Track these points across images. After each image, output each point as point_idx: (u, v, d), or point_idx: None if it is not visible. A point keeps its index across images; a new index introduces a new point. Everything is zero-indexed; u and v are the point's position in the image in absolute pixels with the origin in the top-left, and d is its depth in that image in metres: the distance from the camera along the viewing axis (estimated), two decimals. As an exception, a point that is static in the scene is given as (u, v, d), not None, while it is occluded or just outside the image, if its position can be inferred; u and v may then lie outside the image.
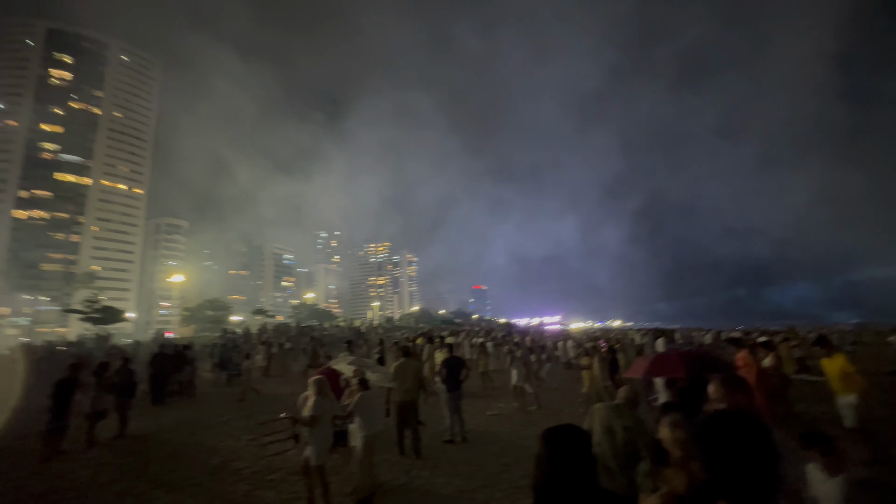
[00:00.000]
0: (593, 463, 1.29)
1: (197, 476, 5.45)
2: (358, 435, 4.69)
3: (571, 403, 9.40)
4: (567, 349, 17.64)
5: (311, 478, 4.29)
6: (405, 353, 6.92)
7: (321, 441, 4.28)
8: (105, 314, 37.29)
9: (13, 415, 10.38)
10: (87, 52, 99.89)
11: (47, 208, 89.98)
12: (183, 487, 5.06)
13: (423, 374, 6.99)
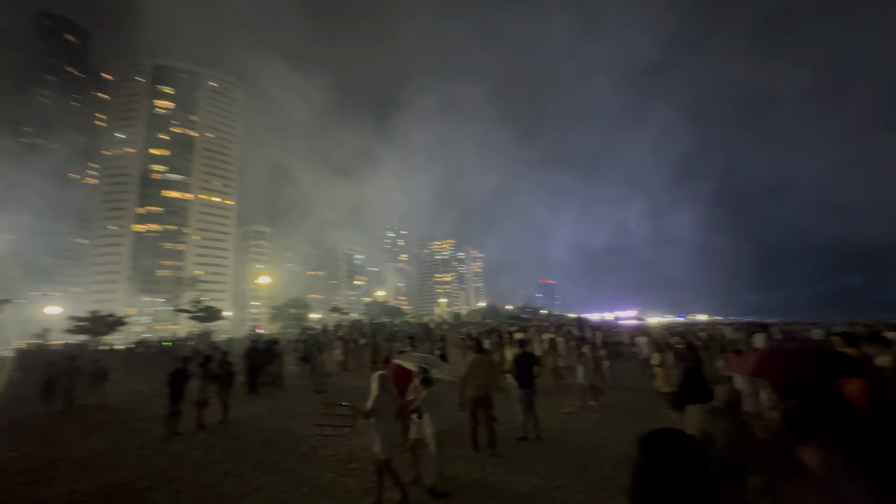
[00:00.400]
0: (705, 473, 1.13)
1: (288, 461, 5.90)
2: (429, 431, 4.75)
3: (652, 403, 8.76)
4: (641, 345, 16.51)
5: (382, 471, 4.39)
6: (477, 348, 6.90)
7: (386, 435, 4.36)
8: (207, 313, 42.15)
9: (139, 399, 12.09)
10: (183, 82, 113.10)
11: (159, 222, 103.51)
12: (276, 471, 5.50)
13: (495, 370, 6.94)
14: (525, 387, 6.65)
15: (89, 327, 32.36)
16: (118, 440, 7.48)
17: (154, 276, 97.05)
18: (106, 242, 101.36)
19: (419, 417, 4.84)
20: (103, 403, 11.79)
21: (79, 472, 5.76)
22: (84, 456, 6.53)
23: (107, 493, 4.90)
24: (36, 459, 6.50)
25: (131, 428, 8.46)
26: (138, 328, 76.96)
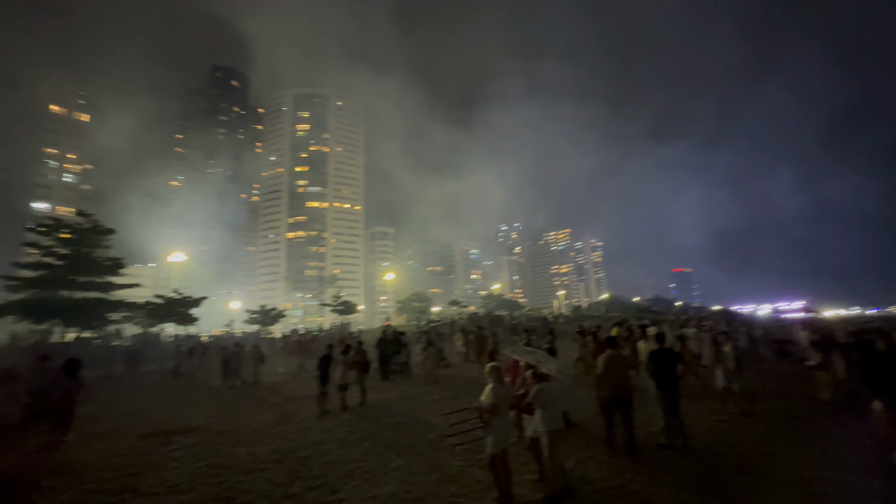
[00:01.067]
0: None
1: (419, 446, 6.23)
2: (540, 429, 4.48)
3: (813, 413, 7.07)
4: (802, 342, 13.31)
5: (495, 467, 4.26)
6: (610, 343, 6.36)
7: (499, 429, 4.21)
8: (345, 307, 47.73)
9: (294, 379, 14.07)
10: (315, 105, 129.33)
11: (304, 229, 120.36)
12: (410, 454, 5.84)
13: (629, 367, 6.31)
14: (665, 387, 5.88)
15: (259, 318, 39.43)
16: (283, 413, 8.86)
17: (303, 276, 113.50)
18: (267, 249, 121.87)
19: (530, 413, 4.61)
20: (262, 381, 14.19)
21: (257, 438, 6.97)
22: (259, 425, 7.89)
23: (277, 458, 5.80)
24: (228, 424, 8.08)
25: (291, 404, 9.97)
26: (294, 319, 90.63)
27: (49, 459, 6.20)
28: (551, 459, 4.39)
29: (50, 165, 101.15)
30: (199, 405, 10.47)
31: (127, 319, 31.81)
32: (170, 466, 5.58)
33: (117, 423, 8.62)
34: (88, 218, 30.02)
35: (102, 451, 6.54)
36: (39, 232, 28.76)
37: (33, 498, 4.67)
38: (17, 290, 27.19)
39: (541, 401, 4.51)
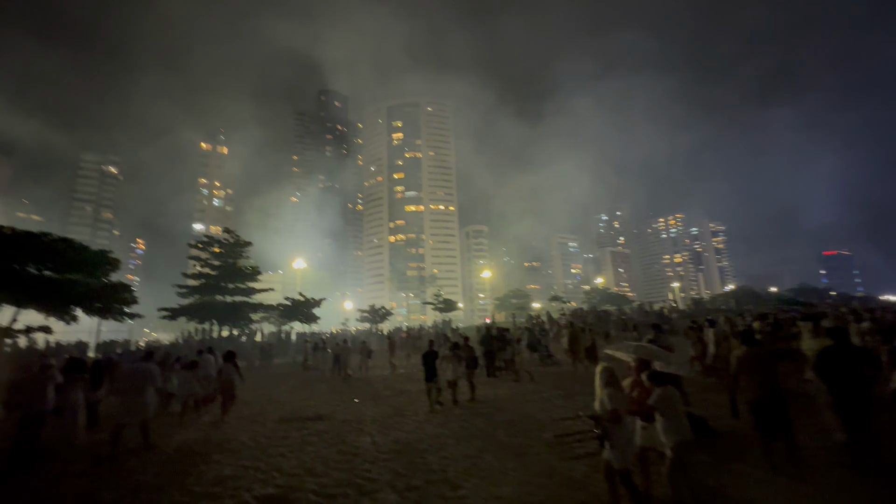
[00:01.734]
0: None
1: (535, 447, 5.92)
2: (664, 440, 3.82)
3: None
4: None
5: (615, 483, 3.73)
6: (746, 339, 5.33)
7: (622, 440, 3.68)
8: (445, 305, 49.09)
9: (401, 374, 14.68)
10: (408, 114, 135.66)
11: (404, 232, 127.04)
12: (526, 455, 5.57)
13: (776, 366, 5.20)
14: (844, 393, 4.70)
15: (369, 317, 42.66)
16: (397, 406, 9.26)
17: (405, 276, 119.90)
18: (372, 253, 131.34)
19: (650, 421, 3.99)
20: (371, 375, 15.07)
21: (376, 428, 7.34)
22: (377, 416, 8.34)
23: (397, 449, 6.01)
24: (350, 413, 8.70)
25: (403, 397, 10.39)
26: (399, 318, 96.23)
27: (214, 435, 7.33)
28: (673, 476, 3.73)
29: (203, 193, 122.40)
30: (324, 395, 11.52)
31: (264, 319, 36.92)
32: (306, 450, 6.13)
33: (261, 409, 9.87)
34: (232, 234, 35.53)
35: (253, 432, 7.49)
36: (198, 248, 34.89)
37: (203, 469, 5.48)
38: (185, 296, 33.32)
39: (664, 406, 3.83)
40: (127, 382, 6.74)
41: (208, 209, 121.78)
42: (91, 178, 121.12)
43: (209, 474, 5.25)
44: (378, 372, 16.41)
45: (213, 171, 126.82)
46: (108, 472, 5.47)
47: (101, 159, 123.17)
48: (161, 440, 7.05)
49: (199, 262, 34.55)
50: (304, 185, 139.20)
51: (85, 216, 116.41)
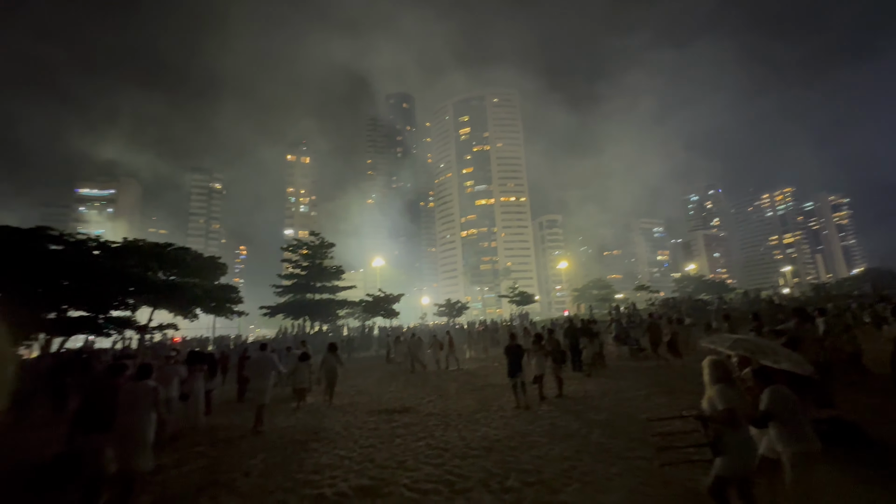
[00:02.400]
0: None
1: (639, 450, 5.31)
2: (781, 449, 3.09)
3: None
4: None
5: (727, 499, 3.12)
6: None
7: (738, 447, 3.07)
8: (522, 298, 48.11)
9: (482, 367, 14.43)
10: (474, 108, 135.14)
11: (475, 227, 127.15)
12: (630, 459, 5.01)
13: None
14: None
15: (446, 311, 43.29)
16: (482, 400, 9.06)
17: (479, 270, 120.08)
18: (445, 248, 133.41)
19: (763, 427, 3.20)
20: (447, 368, 15.01)
21: (463, 423, 7.20)
22: (462, 410, 8.21)
23: (486, 446, 5.79)
24: (435, 407, 8.69)
25: (487, 391, 10.16)
26: (475, 312, 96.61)
27: (310, 424, 7.75)
28: (798, 490, 3.00)
29: (290, 200, 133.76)
30: (408, 388, 11.73)
31: (348, 315, 39.24)
32: (396, 443, 6.18)
33: (351, 399, 10.31)
34: (317, 236, 38.21)
35: (345, 422, 7.79)
36: (289, 251, 38.07)
37: (303, 456, 5.75)
38: (281, 295, 36.57)
39: (777, 409, 3.12)
40: (253, 369, 7.98)
41: (296, 215, 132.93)
42: (201, 195, 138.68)
43: (308, 461, 5.49)
44: (460, 365, 16.45)
45: (299, 179, 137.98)
46: (223, 454, 5.99)
47: (207, 178, 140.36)
48: (266, 426, 7.63)
49: (290, 264, 37.71)
50: (378, 186, 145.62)
51: (198, 228, 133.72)
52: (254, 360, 8.29)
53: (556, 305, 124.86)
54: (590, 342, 12.65)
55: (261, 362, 7.95)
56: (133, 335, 25.66)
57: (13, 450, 7.55)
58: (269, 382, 7.82)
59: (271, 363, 7.94)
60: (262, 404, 7.54)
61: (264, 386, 7.66)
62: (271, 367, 7.86)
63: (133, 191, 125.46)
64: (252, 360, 8.58)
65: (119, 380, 4.50)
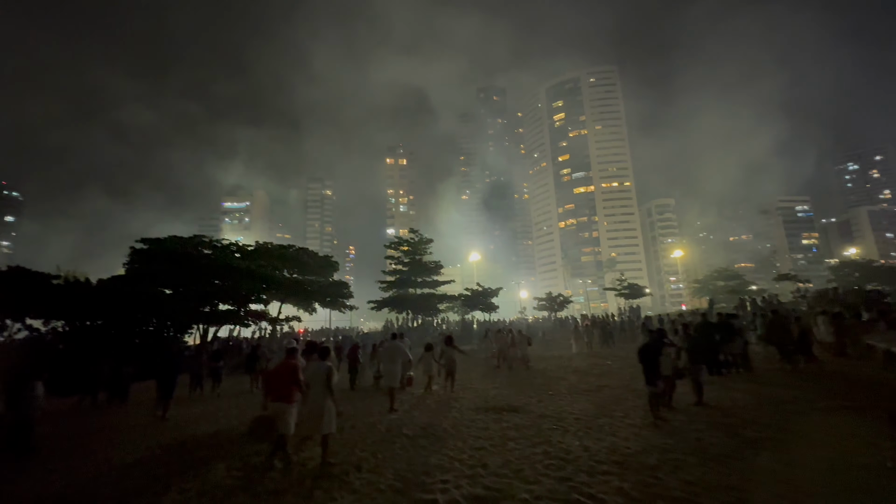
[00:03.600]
0: None
1: (834, 485, 3.98)
2: None
3: None
4: None
5: None
6: None
7: None
8: (631, 290, 43.97)
9: (592, 366, 13.10)
10: (568, 91, 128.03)
11: (574, 216, 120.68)
12: (824, 496, 3.75)
13: None
14: None
15: (547, 305, 41.55)
16: (601, 404, 8.04)
17: (580, 262, 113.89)
18: (543, 241, 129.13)
19: None
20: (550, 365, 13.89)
21: (583, 428, 6.35)
22: (580, 413, 7.32)
23: (617, 460, 4.92)
24: (546, 407, 7.93)
25: (604, 393, 9.05)
26: (577, 306, 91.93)
27: (418, 418, 7.60)
28: None
29: (391, 201, 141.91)
30: (514, 385, 11.10)
31: (448, 309, 39.93)
32: (508, 446, 5.63)
33: (456, 395, 10.05)
34: (416, 233, 39.55)
35: (452, 419, 7.49)
36: (391, 248, 40.05)
37: (411, 454, 5.53)
38: (385, 290, 38.67)
39: None
40: (385, 356, 9.10)
41: (396, 215, 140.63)
42: (315, 202, 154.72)
43: (417, 460, 5.23)
44: (554, 362, 15.31)
45: (397, 181, 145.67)
46: (335, 443, 6.08)
47: (320, 186, 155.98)
48: (375, 418, 7.71)
49: (392, 261, 39.67)
50: (472, 181, 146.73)
51: (314, 231, 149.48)
52: (386, 348, 9.29)
53: (671, 299, 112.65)
54: (730, 341, 10.61)
55: (392, 350, 8.99)
56: (267, 326, 29.29)
57: (215, 414, 8.83)
58: (398, 368, 8.79)
59: (401, 351, 8.95)
60: (392, 387, 8.60)
61: (395, 371, 8.69)
62: (399, 355, 8.86)
63: (262, 202, 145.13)
64: (385, 347, 9.55)
65: (293, 360, 5.42)
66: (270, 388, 5.31)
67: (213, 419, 8.70)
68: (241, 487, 4.54)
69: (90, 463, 5.82)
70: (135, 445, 6.73)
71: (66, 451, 6.77)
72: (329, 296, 30.19)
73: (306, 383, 5.21)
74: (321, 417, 5.03)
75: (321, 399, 5.11)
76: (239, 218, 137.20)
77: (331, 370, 5.22)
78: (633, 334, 24.69)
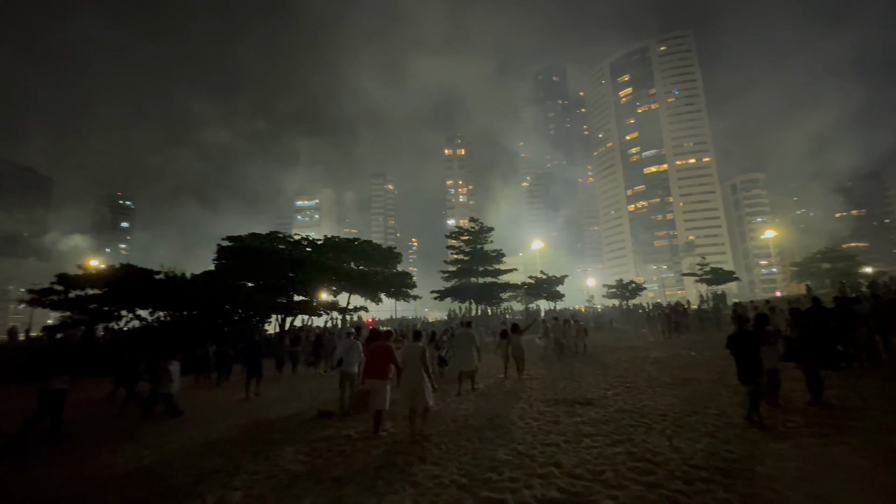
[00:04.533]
0: None
1: None
2: None
3: None
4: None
5: None
6: None
7: None
8: (715, 275, 39.92)
9: (671, 357, 11.85)
10: (635, 63, 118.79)
11: (645, 198, 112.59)
12: None
13: None
14: None
15: (617, 293, 39.08)
16: (689, 399, 7.11)
17: (652, 247, 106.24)
18: (610, 226, 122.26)
19: None
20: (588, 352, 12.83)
21: (670, 426, 5.59)
22: (665, 409, 6.50)
23: (719, 466, 4.18)
24: (624, 401, 7.18)
25: (692, 387, 8.03)
26: (650, 294, 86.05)
27: (484, 408, 7.26)
28: None
29: (450, 192, 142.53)
30: (583, 375, 10.36)
31: (511, 298, 39.15)
32: (584, 443, 5.08)
33: (522, 384, 9.57)
34: (476, 222, 39.13)
35: (520, 410, 7.05)
36: (452, 238, 40.03)
37: (478, 447, 5.19)
38: (448, 280, 38.83)
39: None
40: (458, 343, 9.74)
41: (456, 205, 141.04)
42: (378, 196, 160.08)
43: (484, 454, 4.88)
44: (627, 353, 14.07)
45: (456, 171, 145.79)
46: (401, 432, 5.94)
47: (382, 181, 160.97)
48: (440, 407, 7.50)
49: (454, 251, 39.66)
50: (532, 167, 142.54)
51: (378, 225, 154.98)
52: (459, 335, 9.76)
53: (762, 285, 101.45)
54: (852, 329, 8.94)
55: (463, 337, 9.47)
56: (337, 315, 30.75)
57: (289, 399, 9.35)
58: (472, 353, 9.19)
59: (472, 338, 9.37)
60: (468, 370, 9.17)
61: (470, 356, 9.15)
62: (473, 342, 9.29)
63: (329, 199, 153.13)
64: (457, 335, 10.00)
65: (383, 342, 6.28)
66: (368, 367, 6.03)
67: (286, 403, 9.08)
68: (306, 473, 4.52)
69: (178, 440, 6.26)
70: (219, 425, 7.16)
71: (160, 427, 7.39)
72: (393, 286, 30.90)
73: (402, 362, 5.84)
74: (421, 392, 5.56)
75: (418, 375, 5.63)
76: (309, 215, 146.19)
77: (423, 350, 5.83)
78: (719, 323, 22.31)
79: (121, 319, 20.33)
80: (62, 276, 19.45)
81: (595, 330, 28.17)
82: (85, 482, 4.66)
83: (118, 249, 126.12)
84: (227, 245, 24.62)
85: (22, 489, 4.61)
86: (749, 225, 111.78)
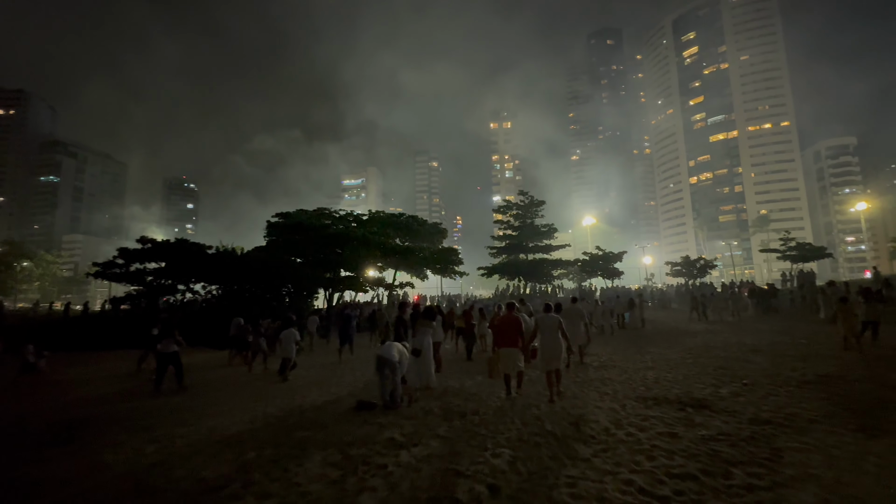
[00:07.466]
0: None
1: None
2: None
3: None
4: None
5: None
6: None
7: None
8: (801, 251, 35.26)
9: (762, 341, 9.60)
10: (702, 18, 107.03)
11: (709, 169, 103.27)
12: None
13: None
14: None
15: (682, 271, 35.62)
16: (848, 406, 5.22)
17: (717, 222, 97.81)
18: (669, 200, 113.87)
19: None
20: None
21: (858, 451, 3.86)
22: (817, 420, 4.71)
23: None
24: (761, 409, 5.42)
25: (835, 386, 6.05)
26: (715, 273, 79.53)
27: (569, 405, 5.72)
28: None
29: (496, 168, 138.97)
30: (673, 365, 8.52)
31: (562, 276, 36.89)
32: (735, 478, 3.47)
33: (599, 375, 7.96)
34: (526, 195, 36.88)
35: (610, 410, 5.48)
36: (500, 213, 38.12)
37: (565, 463, 3.76)
38: (495, 256, 37.20)
39: None
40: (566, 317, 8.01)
41: (502, 181, 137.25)
42: (422, 174, 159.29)
43: (586, 489, 3.42)
44: (707, 338, 11.84)
45: (502, 146, 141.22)
46: (459, 434, 4.65)
47: (427, 158, 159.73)
48: (506, 402, 6.14)
49: (501, 226, 37.81)
50: (583, 139, 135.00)
51: (423, 203, 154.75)
52: (566, 311, 8.39)
53: (848, 264, 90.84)
54: None
55: (570, 312, 8.42)
56: (384, 291, 30.27)
57: (329, 381, 8.49)
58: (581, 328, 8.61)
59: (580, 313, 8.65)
60: (581, 344, 8.95)
61: (578, 332, 8.51)
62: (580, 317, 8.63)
63: (375, 178, 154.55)
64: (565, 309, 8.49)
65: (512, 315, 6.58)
66: (499, 338, 6.43)
67: (325, 386, 8.11)
68: (330, 498, 3.30)
69: (194, 432, 5.33)
70: (244, 414, 6.22)
71: (178, 415, 6.63)
72: (439, 262, 29.80)
73: (536, 331, 6.41)
74: (559, 357, 6.20)
75: (556, 342, 6.18)
76: (356, 194, 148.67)
77: (560, 321, 6.32)
78: (810, 305, 19.21)
79: (177, 293, 20.77)
80: (123, 250, 20.00)
81: (658, 310, 25.70)
82: (65, 489, 3.75)
83: (185, 230, 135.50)
84: (275, 221, 24.48)
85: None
86: (834, 197, 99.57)
